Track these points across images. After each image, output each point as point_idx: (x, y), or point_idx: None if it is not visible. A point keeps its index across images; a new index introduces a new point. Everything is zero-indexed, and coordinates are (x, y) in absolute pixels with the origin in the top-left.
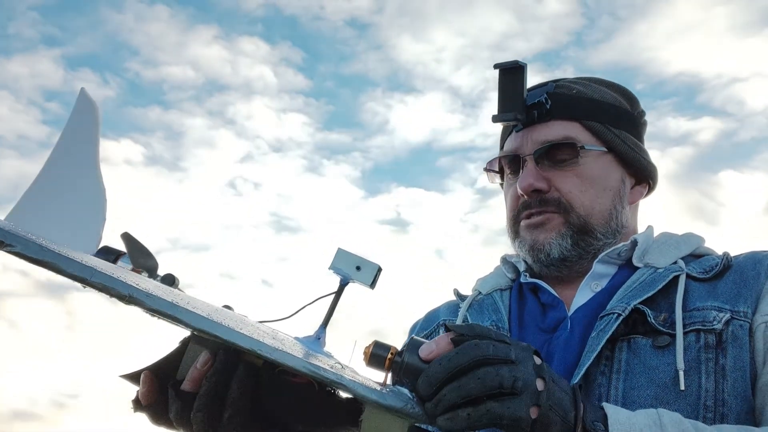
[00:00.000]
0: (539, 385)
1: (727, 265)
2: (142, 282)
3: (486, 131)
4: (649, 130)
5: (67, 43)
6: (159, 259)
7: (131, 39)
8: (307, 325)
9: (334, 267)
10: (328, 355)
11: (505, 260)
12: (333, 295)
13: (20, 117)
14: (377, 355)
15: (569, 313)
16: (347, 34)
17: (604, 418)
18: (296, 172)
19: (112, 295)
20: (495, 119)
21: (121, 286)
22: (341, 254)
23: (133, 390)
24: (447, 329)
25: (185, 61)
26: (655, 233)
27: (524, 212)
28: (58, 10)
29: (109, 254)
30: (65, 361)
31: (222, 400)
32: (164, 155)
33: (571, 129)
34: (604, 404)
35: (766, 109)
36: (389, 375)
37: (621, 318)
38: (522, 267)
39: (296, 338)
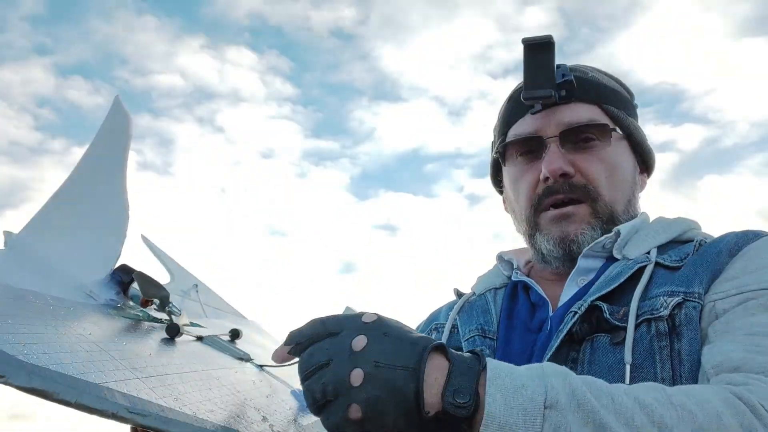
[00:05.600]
0: (354, 379)
1: (699, 250)
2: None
3: (471, 138)
4: None
5: (58, 51)
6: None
7: (121, 48)
8: None
9: None
10: None
11: (501, 258)
12: None
13: (12, 123)
14: None
15: (554, 312)
16: (332, 44)
17: (476, 388)
18: (285, 178)
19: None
20: (526, 96)
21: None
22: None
23: None
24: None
25: (174, 69)
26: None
27: (548, 198)
28: (50, 21)
29: (127, 274)
30: None
31: None
32: (155, 161)
33: (593, 112)
34: (488, 363)
35: (747, 116)
36: None
37: (577, 316)
38: (515, 264)
39: (292, 392)
